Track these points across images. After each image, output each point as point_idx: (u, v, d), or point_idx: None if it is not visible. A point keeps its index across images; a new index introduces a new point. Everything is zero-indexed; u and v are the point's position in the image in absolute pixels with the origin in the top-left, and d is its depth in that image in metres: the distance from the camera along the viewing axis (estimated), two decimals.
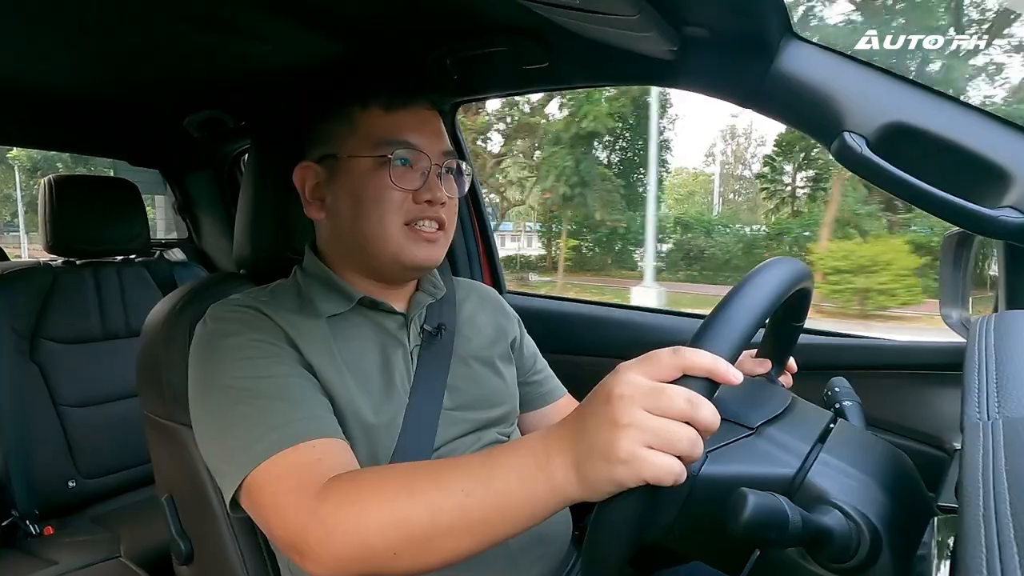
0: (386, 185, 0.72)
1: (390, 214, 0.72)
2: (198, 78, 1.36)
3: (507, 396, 0.84)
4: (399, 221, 0.72)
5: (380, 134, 0.73)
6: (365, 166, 0.72)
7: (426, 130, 0.75)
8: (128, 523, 1.40)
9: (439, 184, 0.74)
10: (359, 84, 0.76)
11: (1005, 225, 0.68)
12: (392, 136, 0.73)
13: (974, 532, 0.29)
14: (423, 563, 0.51)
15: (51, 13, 0.99)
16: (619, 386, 0.43)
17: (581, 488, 0.44)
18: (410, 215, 0.73)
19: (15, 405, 1.38)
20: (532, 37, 0.96)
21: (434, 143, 0.75)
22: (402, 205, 0.72)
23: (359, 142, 0.73)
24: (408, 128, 0.74)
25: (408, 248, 0.73)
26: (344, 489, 0.55)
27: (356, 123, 0.74)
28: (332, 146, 0.75)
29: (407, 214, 0.73)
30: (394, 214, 0.72)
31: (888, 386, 0.98)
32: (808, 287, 0.60)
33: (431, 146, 0.74)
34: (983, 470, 0.33)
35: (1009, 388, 0.41)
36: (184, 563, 0.83)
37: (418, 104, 0.76)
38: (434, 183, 0.73)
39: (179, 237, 2.21)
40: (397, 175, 0.72)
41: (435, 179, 0.74)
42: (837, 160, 0.77)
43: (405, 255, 0.73)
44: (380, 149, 0.72)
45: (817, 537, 0.45)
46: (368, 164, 0.72)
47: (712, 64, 0.85)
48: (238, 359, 0.66)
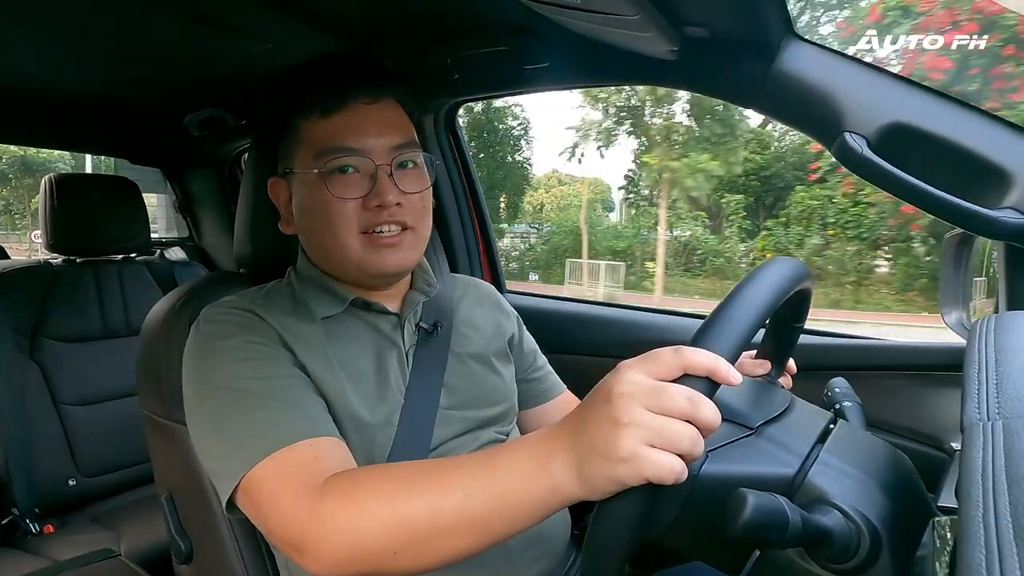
0: (329, 199, 0.68)
1: (341, 227, 0.69)
2: (199, 77, 1.36)
3: (505, 394, 0.83)
4: (353, 231, 0.69)
5: (320, 144, 0.69)
6: (311, 180, 0.70)
7: (368, 129, 0.69)
8: (128, 522, 1.40)
9: (391, 184, 0.69)
10: (297, 91, 0.71)
11: (1006, 226, 0.68)
12: (330, 143, 0.68)
13: (974, 533, 0.29)
14: (423, 562, 0.51)
15: (52, 13, 0.99)
16: (620, 384, 0.43)
17: (582, 487, 0.44)
18: (365, 223, 0.69)
19: (15, 403, 1.38)
20: (532, 36, 0.96)
21: (379, 140, 0.69)
22: (354, 215, 0.69)
23: (304, 154, 0.70)
24: (345, 132, 0.69)
25: (370, 258, 0.70)
26: (343, 487, 0.55)
27: (300, 134, 0.71)
28: (288, 160, 0.73)
29: (361, 223, 0.69)
30: (345, 226, 0.69)
31: (888, 387, 0.98)
32: (808, 287, 0.60)
33: (376, 144, 0.69)
34: (983, 471, 0.33)
35: (1009, 389, 0.41)
36: (184, 562, 0.83)
37: (359, 100, 0.70)
38: (384, 185, 0.69)
39: (179, 236, 2.21)
40: (340, 185, 0.68)
41: (385, 179, 0.69)
42: (838, 160, 0.76)
43: (368, 265, 0.71)
44: (321, 160, 0.68)
45: (817, 538, 0.45)
46: (312, 178, 0.69)
47: (712, 64, 0.85)
48: (233, 360, 0.65)
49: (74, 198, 1.50)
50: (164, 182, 2.09)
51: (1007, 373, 0.43)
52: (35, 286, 1.47)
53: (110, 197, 1.57)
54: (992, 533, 0.29)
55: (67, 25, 1.05)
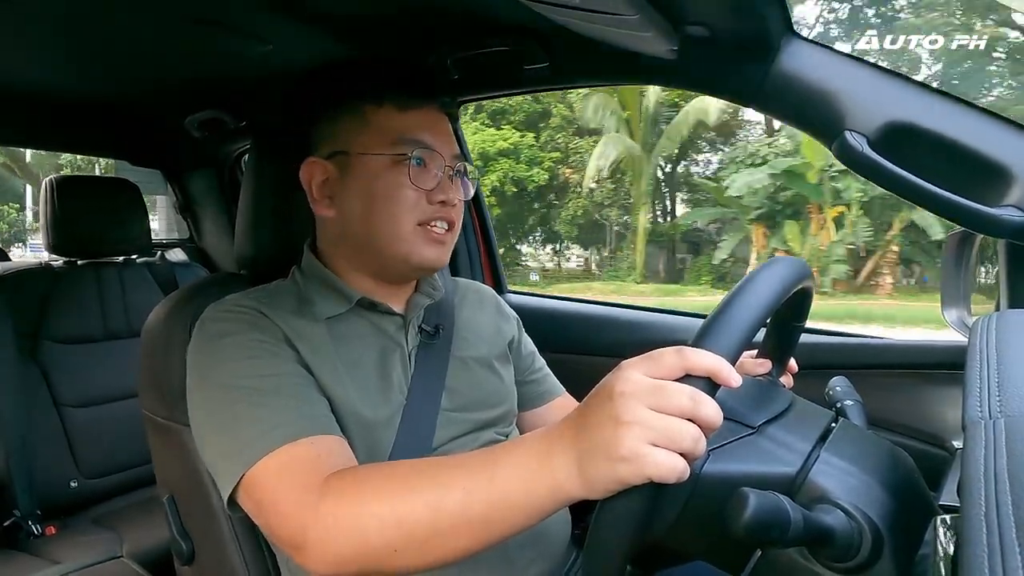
0: (403, 184, 0.71)
1: (404, 213, 0.72)
2: (199, 78, 1.36)
3: (505, 396, 0.84)
4: (412, 220, 0.72)
5: (396, 132, 0.72)
6: (381, 164, 0.72)
7: (439, 132, 0.75)
8: (130, 523, 1.40)
9: (451, 185, 0.74)
10: (373, 81, 0.75)
11: (1007, 224, 0.68)
12: (409, 135, 0.72)
13: (976, 531, 0.29)
14: (423, 561, 0.51)
15: (52, 14, 0.99)
16: (622, 383, 0.43)
17: (583, 486, 0.44)
18: (424, 215, 0.73)
19: (17, 405, 1.38)
20: (532, 37, 0.96)
21: (446, 145, 0.75)
22: (416, 204, 0.72)
23: (373, 140, 0.73)
24: (423, 128, 0.74)
25: (419, 248, 0.73)
26: (345, 485, 0.55)
27: (370, 121, 0.73)
28: (343, 143, 0.74)
29: (421, 214, 0.72)
30: (408, 213, 0.72)
31: (890, 385, 0.98)
32: (809, 287, 0.60)
33: (444, 147, 0.74)
34: (985, 469, 0.33)
35: (1010, 387, 0.41)
36: (185, 563, 0.83)
37: (431, 105, 0.76)
38: (447, 184, 0.74)
39: (180, 237, 2.21)
40: (414, 174, 0.72)
41: (448, 180, 0.74)
42: (838, 159, 0.76)
43: (415, 255, 0.73)
44: (397, 147, 0.72)
45: (818, 537, 0.45)
46: (384, 162, 0.72)
47: (713, 63, 0.85)
48: (237, 358, 0.66)
49: (75, 200, 1.50)
50: (165, 183, 2.10)
51: (1009, 371, 0.43)
52: (36, 288, 1.47)
53: (111, 199, 1.57)
54: (994, 531, 0.29)
55: (67, 26, 1.05)
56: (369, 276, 0.77)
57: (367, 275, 0.77)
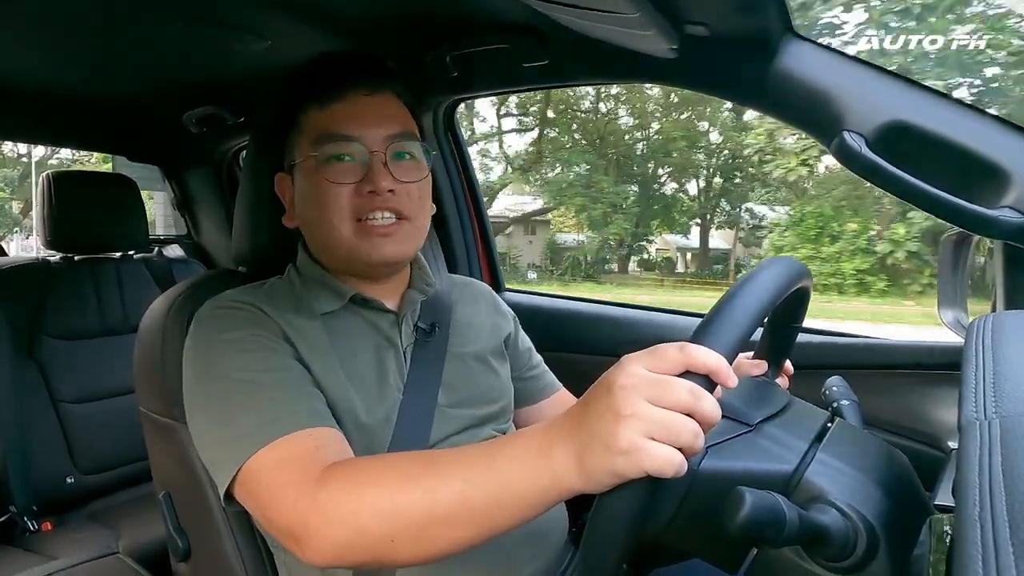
0: (326, 184, 0.70)
1: (335, 213, 0.70)
2: (197, 74, 1.36)
3: (502, 392, 0.84)
4: (348, 219, 0.70)
5: (318, 131, 0.71)
6: (309, 167, 0.72)
7: (364, 118, 0.71)
8: (126, 519, 1.40)
9: (384, 171, 0.70)
10: (297, 87, 0.75)
11: (1004, 225, 0.68)
12: (327, 130, 0.71)
13: (970, 531, 0.30)
14: (421, 552, 0.51)
15: (51, 10, 0.99)
16: (622, 377, 0.43)
17: (582, 479, 0.44)
18: (359, 210, 0.70)
19: (13, 401, 1.37)
20: (532, 34, 0.96)
21: (375, 129, 0.71)
22: (348, 201, 0.70)
23: (303, 144, 0.73)
24: (341, 119, 0.71)
25: (361, 245, 0.71)
26: (343, 475, 0.55)
27: (301, 125, 0.73)
28: (290, 154, 0.75)
29: (355, 210, 0.70)
30: (339, 212, 0.70)
31: (885, 385, 0.98)
32: (807, 287, 0.60)
33: (371, 133, 0.71)
34: (979, 469, 0.33)
35: (1006, 388, 0.41)
36: (182, 560, 0.83)
37: (356, 92, 0.72)
38: (378, 171, 0.70)
39: (177, 233, 2.21)
40: (334, 171, 0.70)
41: (379, 167, 0.70)
42: (836, 159, 0.77)
43: (359, 253, 0.71)
44: (318, 147, 0.71)
45: (814, 536, 0.45)
46: (310, 165, 0.71)
47: (712, 62, 0.85)
48: (235, 352, 0.66)
49: (72, 195, 1.49)
50: (163, 179, 2.09)
51: (1004, 372, 0.43)
52: (33, 284, 1.46)
53: (108, 194, 1.56)
54: (989, 531, 0.29)
55: (65, 22, 1.05)
56: (352, 275, 0.77)
57: (350, 274, 0.77)
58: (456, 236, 1.45)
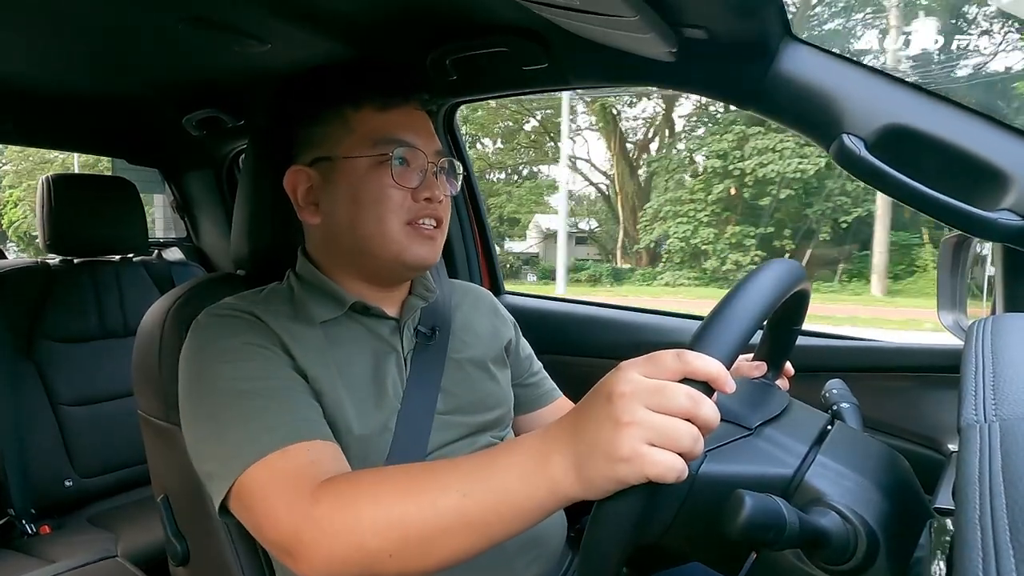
0: (387, 184, 0.72)
1: (391, 213, 0.72)
2: (197, 77, 1.36)
3: (501, 399, 0.84)
4: (400, 220, 0.72)
5: (377, 133, 0.73)
6: (363, 166, 0.72)
7: (419, 129, 0.75)
8: (125, 523, 1.40)
9: (436, 182, 0.75)
10: (350, 84, 0.76)
11: (1003, 228, 0.68)
12: (390, 135, 0.73)
13: (970, 534, 0.29)
14: (420, 565, 0.51)
15: (50, 12, 0.99)
16: (621, 384, 0.43)
17: (581, 487, 0.44)
18: (411, 214, 0.73)
19: (12, 404, 1.37)
20: (532, 38, 0.96)
21: (428, 142, 0.75)
22: (402, 204, 0.72)
23: (355, 142, 0.73)
24: (404, 127, 0.74)
25: (410, 247, 0.73)
26: (339, 490, 0.55)
27: (350, 124, 0.74)
28: (325, 148, 0.74)
29: (408, 213, 0.73)
30: (395, 213, 0.72)
31: (885, 388, 0.98)
32: (806, 289, 0.60)
33: (426, 145, 0.75)
34: (979, 472, 0.33)
35: (1005, 390, 0.41)
36: (180, 564, 0.83)
37: (411, 104, 0.76)
38: (432, 181, 0.74)
39: (177, 236, 2.21)
40: (397, 173, 0.72)
41: (432, 177, 0.74)
42: (836, 162, 0.77)
43: (407, 254, 0.73)
44: (379, 148, 0.72)
45: (814, 539, 0.45)
46: (366, 164, 0.72)
47: (711, 66, 0.85)
48: (230, 361, 0.65)
49: (71, 198, 1.49)
50: (162, 182, 2.09)
51: (1004, 374, 0.43)
52: (32, 286, 1.46)
53: (108, 197, 1.56)
54: (989, 534, 0.29)
55: (65, 24, 1.05)
56: (361, 279, 0.77)
57: (359, 279, 0.76)
58: (456, 241, 1.45)
